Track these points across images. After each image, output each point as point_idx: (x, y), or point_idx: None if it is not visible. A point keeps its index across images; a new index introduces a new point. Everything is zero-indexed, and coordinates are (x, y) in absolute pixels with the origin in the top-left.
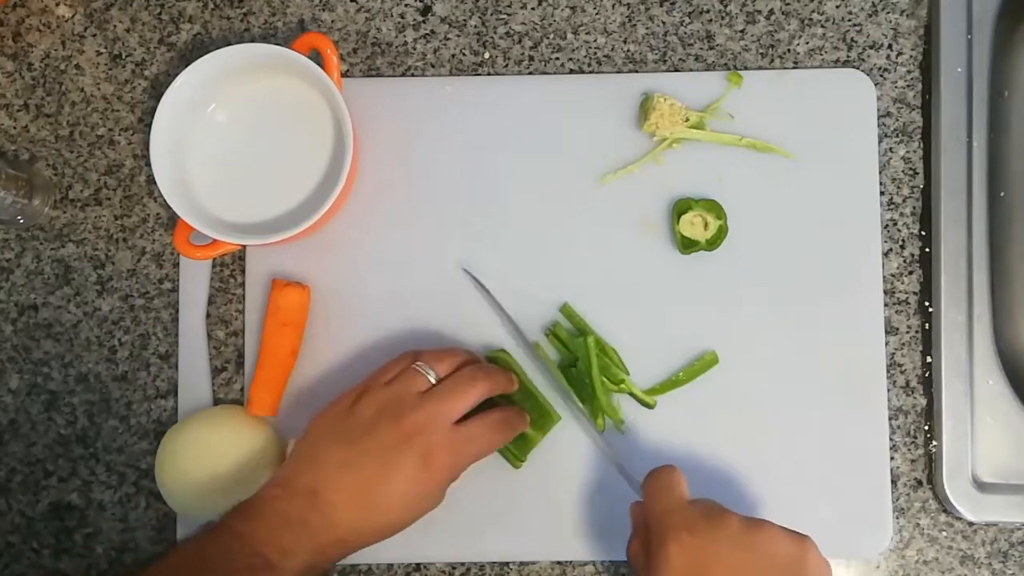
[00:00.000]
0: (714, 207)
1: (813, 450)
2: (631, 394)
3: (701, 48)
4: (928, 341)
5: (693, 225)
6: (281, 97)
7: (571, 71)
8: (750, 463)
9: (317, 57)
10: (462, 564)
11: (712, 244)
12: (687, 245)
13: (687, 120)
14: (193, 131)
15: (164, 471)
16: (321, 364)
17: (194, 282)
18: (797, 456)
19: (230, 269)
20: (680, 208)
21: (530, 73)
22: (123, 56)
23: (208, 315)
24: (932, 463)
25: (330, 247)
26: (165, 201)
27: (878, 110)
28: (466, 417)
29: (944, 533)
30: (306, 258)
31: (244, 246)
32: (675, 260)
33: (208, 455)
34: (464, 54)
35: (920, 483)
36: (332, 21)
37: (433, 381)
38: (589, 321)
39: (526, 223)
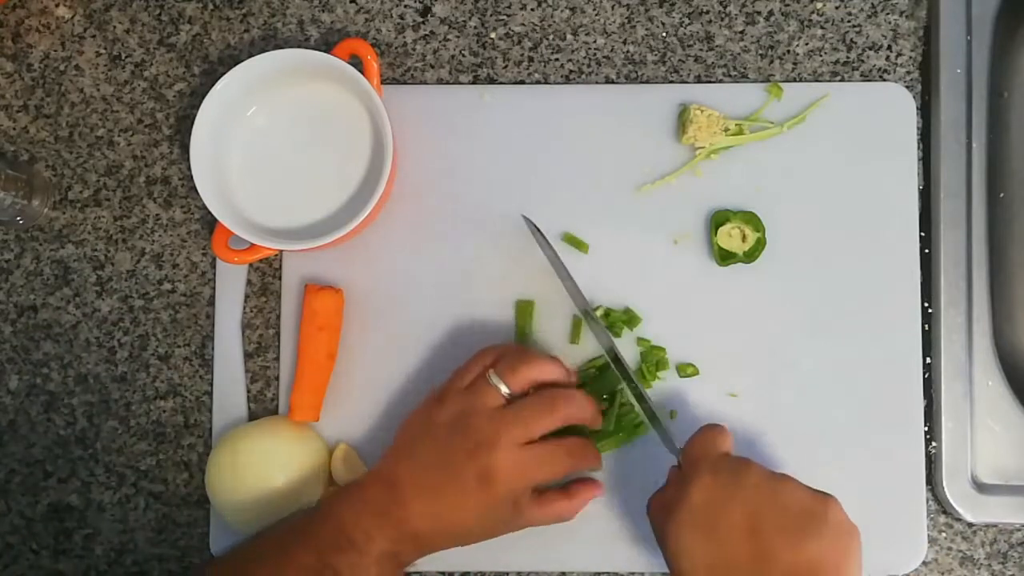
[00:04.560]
0: (752, 219)
1: (847, 466)
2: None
3: (701, 49)
4: (928, 342)
5: (731, 237)
6: (320, 102)
7: (570, 72)
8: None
9: (356, 63)
10: (455, 573)
11: (750, 256)
12: (725, 257)
13: (726, 130)
14: (232, 134)
15: (219, 488)
16: (358, 367)
17: (230, 287)
18: (831, 472)
19: (253, 275)
20: (718, 220)
21: (530, 74)
22: (123, 57)
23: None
24: (932, 464)
25: (363, 251)
26: (164, 202)
27: None
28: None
29: (944, 534)
30: (339, 263)
31: (280, 251)
32: (712, 272)
33: (264, 468)
34: (464, 55)
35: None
36: (331, 22)
37: (505, 393)
38: (625, 333)
39: (561, 233)
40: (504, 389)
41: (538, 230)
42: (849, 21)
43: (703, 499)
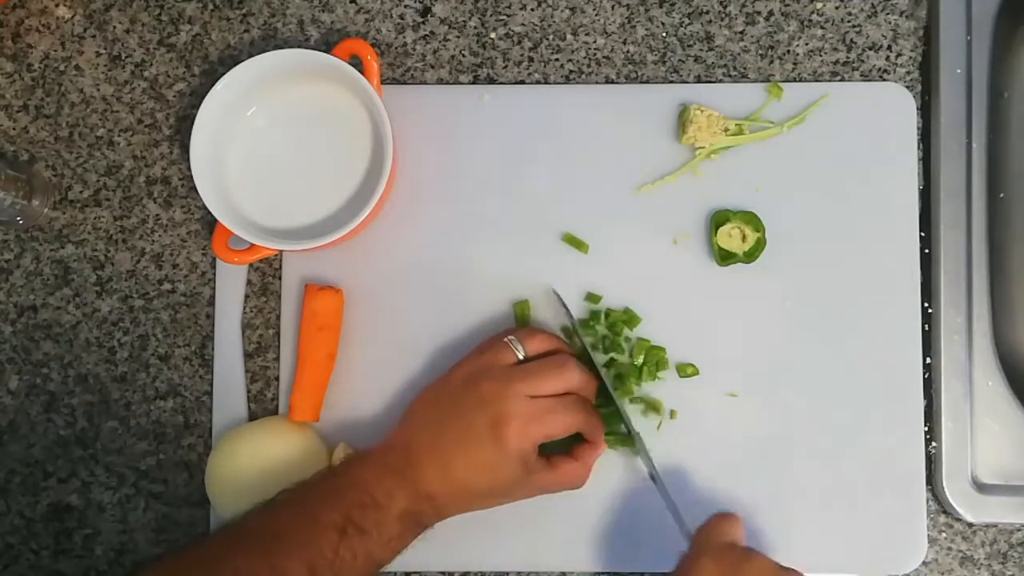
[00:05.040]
0: (752, 219)
1: (848, 466)
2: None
3: (701, 49)
4: (928, 342)
5: (731, 237)
6: (320, 102)
7: (570, 72)
8: (783, 479)
9: (356, 63)
10: (455, 573)
11: (750, 256)
12: (725, 257)
13: (726, 130)
14: (232, 135)
15: (219, 488)
16: (358, 368)
17: (230, 287)
18: (831, 472)
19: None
20: (718, 220)
21: (530, 74)
22: (123, 57)
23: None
24: (932, 464)
25: (363, 251)
26: (164, 202)
27: None
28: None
29: (944, 534)
30: (339, 263)
31: (280, 251)
32: (712, 272)
33: (264, 469)
34: (464, 55)
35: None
36: (331, 22)
37: (520, 356)
38: (625, 333)
39: (562, 233)
40: (520, 351)
41: (562, 302)
42: (849, 21)
43: None
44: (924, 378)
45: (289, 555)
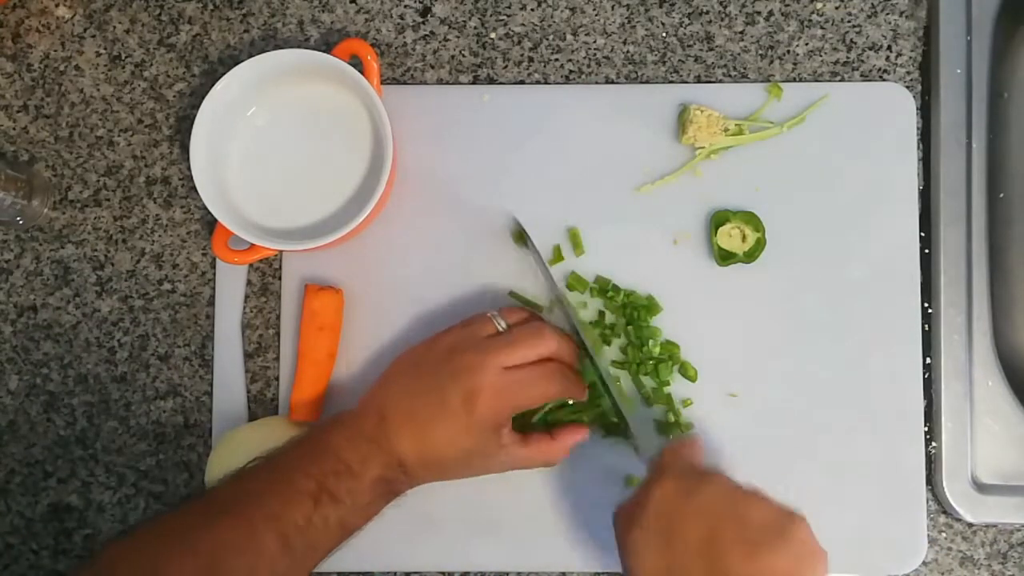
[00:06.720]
0: (752, 219)
1: (848, 466)
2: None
3: (701, 49)
4: (928, 342)
5: (731, 237)
6: (320, 102)
7: (570, 72)
8: (783, 479)
9: (356, 63)
10: (455, 573)
11: (750, 256)
12: (725, 257)
13: (726, 130)
14: (232, 134)
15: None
16: (358, 367)
17: (230, 287)
18: (831, 471)
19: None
20: (718, 220)
21: (529, 74)
22: (123, 57)
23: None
24: (932, 464)
25: (363, 251)
26: (164, 202)
27: None
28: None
29: (943, 534)
30: (339, 263)
31: (280, 251)
32: (712, 272)
33: None
34: (463, 55)
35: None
36: (331, 22)
37: (501, 328)
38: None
39: (561, 233)
40: (501, 324)
41: (524, 231)
42: (849, 21)
43: (662, 505)
44: (924, 378)
45: (262, 523)
